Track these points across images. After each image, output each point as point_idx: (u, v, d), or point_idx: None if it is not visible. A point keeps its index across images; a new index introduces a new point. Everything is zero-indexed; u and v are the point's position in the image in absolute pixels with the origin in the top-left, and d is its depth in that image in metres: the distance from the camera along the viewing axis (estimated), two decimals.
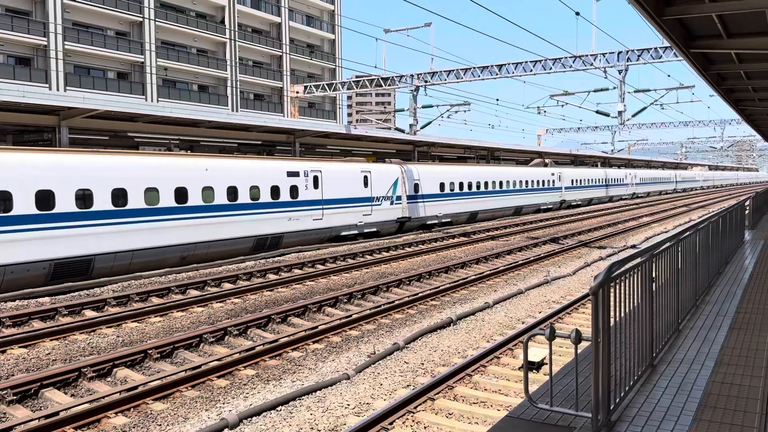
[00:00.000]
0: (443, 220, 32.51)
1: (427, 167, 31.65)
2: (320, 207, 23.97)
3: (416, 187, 29.99)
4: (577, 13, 20.62)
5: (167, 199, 18.50)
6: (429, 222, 31.27)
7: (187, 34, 49.39)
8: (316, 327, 11.98)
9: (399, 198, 28.46)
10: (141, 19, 45.13)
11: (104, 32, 44.23)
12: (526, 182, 41.88)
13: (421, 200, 30.35)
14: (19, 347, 10.84)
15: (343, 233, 25.29)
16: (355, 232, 25.90)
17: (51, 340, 11.30)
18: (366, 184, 26.36)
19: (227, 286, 16.48)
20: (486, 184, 36.44)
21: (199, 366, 9.72)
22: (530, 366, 9.41)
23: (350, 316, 12.85)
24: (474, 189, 35.12)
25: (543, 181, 44.57)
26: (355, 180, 25.73)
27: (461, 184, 33.87)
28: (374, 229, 27.04)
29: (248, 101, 54.40)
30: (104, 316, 12.77)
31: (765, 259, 12.50)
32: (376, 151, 36.42)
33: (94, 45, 42.36)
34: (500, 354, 10.08)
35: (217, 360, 10.01)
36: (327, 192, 24.26)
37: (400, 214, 28.60)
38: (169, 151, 24.02)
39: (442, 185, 32.18)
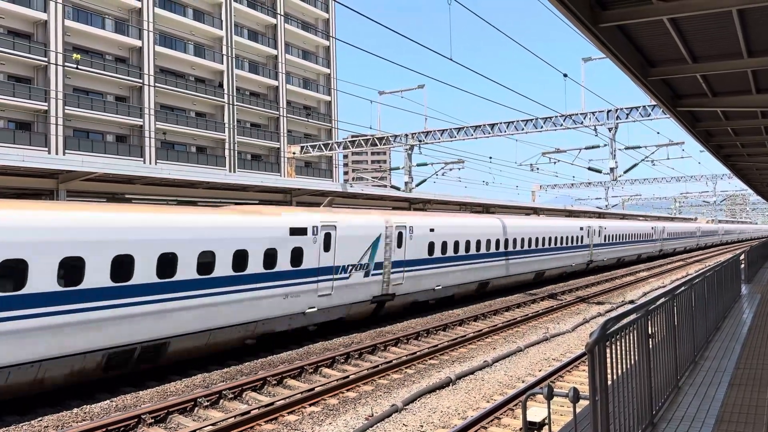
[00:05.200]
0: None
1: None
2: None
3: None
4: (565, 75, 21.18)
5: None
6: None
7: (186, 98, 50.42)
8: (313, 389, 11.80)
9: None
10: (141, 84, 46.14)
11: (104, 97, 45.13)
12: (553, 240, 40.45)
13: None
14: (12, 414, 10.62)
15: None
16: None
17: (44, 406, 11.08)
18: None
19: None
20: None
21: (194, 431, 9.52)
22: (531, 426, 9.25)
23: (347, 377, 12.67)
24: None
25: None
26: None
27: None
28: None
29: (246, 161, 55.06)
30: (98, 380, 12.56)
31: (762, 314, 12.47)
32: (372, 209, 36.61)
33: (93, 109, 43.16)
34: (501, 414, 9.92)
35: (212, 425, 9.82)
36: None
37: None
38: None
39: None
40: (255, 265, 14.60)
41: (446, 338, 17.01)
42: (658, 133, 33.41)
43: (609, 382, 4.34)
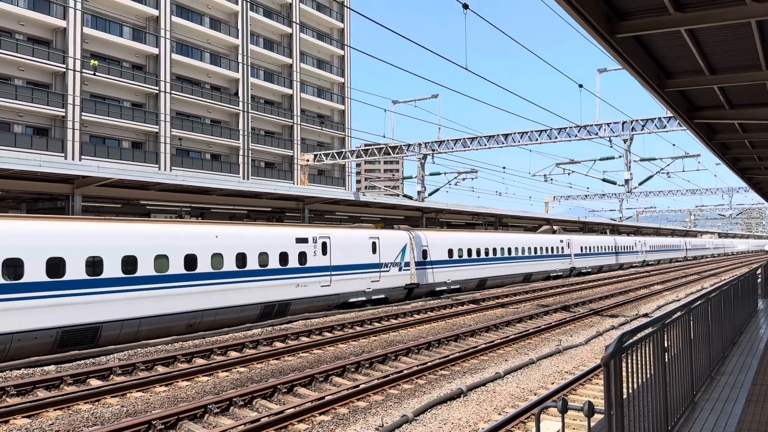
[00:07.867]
0: (452, 287, 32.30)
1: (436, 233, 31.66)
2: (328, 273, 23.96)
3: (425, 253, 29.96)
4: (581, 86, 21.11)
5: (177, 266, 18.55)
6: (438, 288, 31.10)
7: (201, 105, 50.79)
8: (323, 398, 11.75)
9: (407, 264, 28.45)
10: (157, 91, 46.56)
11: (121, 103, 45.56)
12: (535, 249, 41.85)
13: (430, 266, 30.27)
14: (23, 417, 10.68)
15: (351, 300, 25.21)
16: (364, 298, 25.79)
17: (55, 410, 11.13)
18: (374, 251, 26.46)
19: (233, 354, 16.30)
20: (495, 250, 36.54)
21: None
22: None
23: (358, 386, 12.62)
24: (483, 255, 35.10)
25: (552, 248, 44.50)
26: (363, 246, 25.86)
27: (470, 251, 33.86)
28: (383, 296, 26.94)
29: (259, 169, 55.31)
30: (109, 385, 12.61)
31: None
32: (385, 218, 36.63)
33: (110, 115, 43.57)
34: (512, 427, 9.81)
35: None
36: (335, 258, 24.33)
37: (408, 281, 28.52)
38: (180, 218, 24.28)
39: (450, 251, 32.12)
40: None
41: (457, 349, 16.91)
42: (674, 144, 33.21)
43: (624, 396, 4.27)
